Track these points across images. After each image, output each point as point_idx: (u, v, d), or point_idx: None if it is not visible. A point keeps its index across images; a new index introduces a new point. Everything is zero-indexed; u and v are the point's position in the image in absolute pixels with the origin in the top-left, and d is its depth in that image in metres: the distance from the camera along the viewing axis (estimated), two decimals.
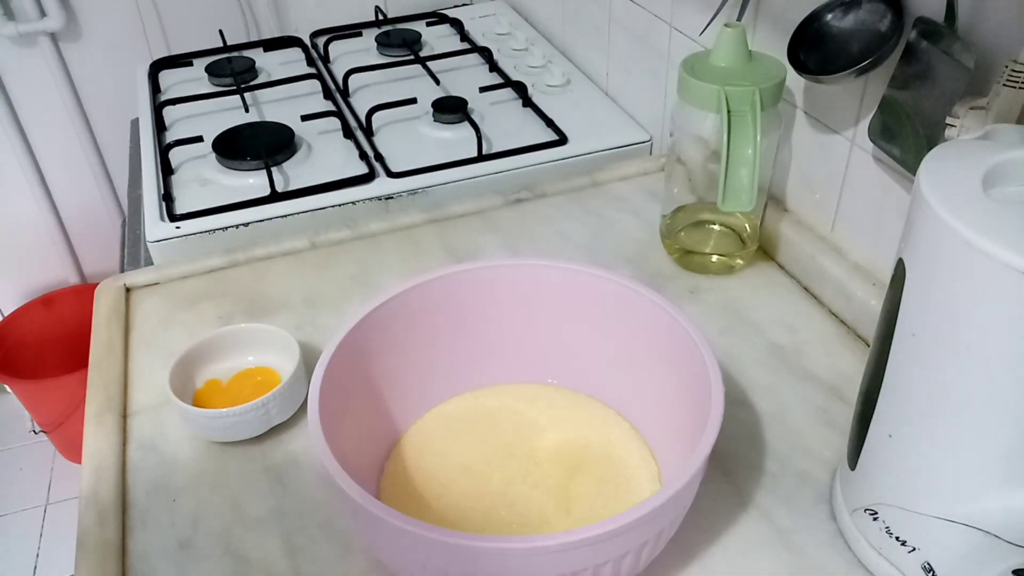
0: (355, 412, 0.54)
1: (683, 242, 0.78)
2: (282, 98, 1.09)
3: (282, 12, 1.43)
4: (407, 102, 1.01)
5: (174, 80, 1.17)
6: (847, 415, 0.60)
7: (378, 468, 0.57)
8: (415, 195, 0.90)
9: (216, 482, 0.59)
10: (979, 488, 0.42)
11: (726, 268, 0.76)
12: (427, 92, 1.06)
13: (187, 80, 1.16)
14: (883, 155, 0.64)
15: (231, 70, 1.13)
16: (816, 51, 0.63)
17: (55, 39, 1.38)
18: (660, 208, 0.85)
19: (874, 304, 0.66)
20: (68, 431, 1.58)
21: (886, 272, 0.55)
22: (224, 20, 1.41)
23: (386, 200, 0.89)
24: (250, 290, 0.77)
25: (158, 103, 1.07)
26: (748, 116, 0.65)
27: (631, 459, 0.57)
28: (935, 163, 0.42)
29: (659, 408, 0.57)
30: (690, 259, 0.77)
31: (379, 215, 0.87)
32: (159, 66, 1.19)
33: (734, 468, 0.58)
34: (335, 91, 1.10)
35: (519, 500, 0.55)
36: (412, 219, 0.85)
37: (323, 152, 0.97)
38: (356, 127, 1.01)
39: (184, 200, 0.89)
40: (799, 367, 0.66)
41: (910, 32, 0.57)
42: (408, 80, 1.12)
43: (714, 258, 0.76)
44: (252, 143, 0.95)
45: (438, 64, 1.14)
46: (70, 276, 1.65)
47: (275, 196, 0.88)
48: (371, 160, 0.94)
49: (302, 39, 1.25)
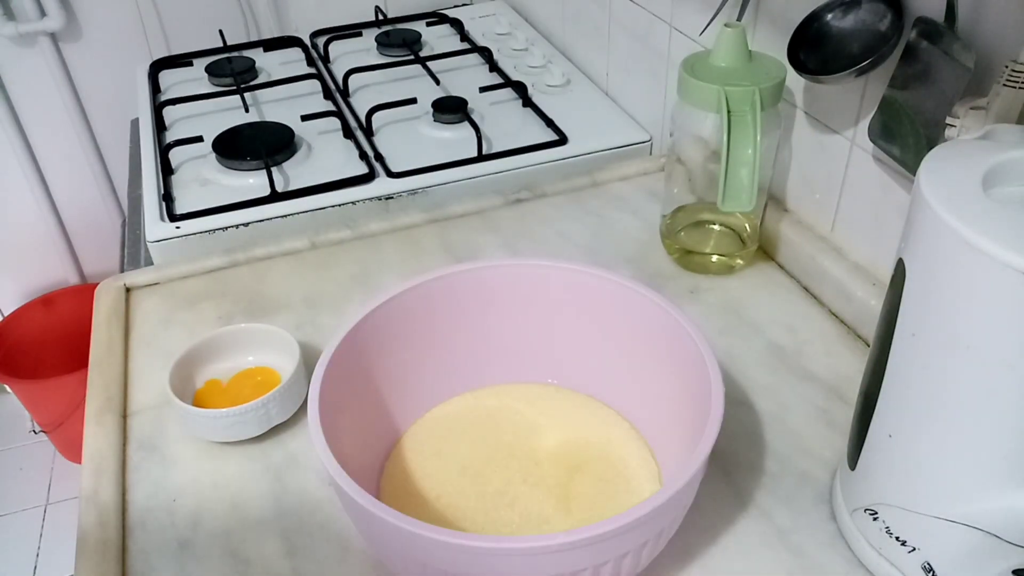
0: (355, 412, 0.54)
1: (683, 242, 0.78)
2: (282, 98, 1.09)
3: (282, 12, 1.43)
4: (407, 102, 1.01)
5: (174, 80, 1.17)
6: (847, 415, 0.60)
7: (378, 468, 0.57)
8: (415, 195, 0.90)
9: (216, 482, 0.59)
10: (979, 488, 0.42)
11: (726, 268, 0.76)
12: (427, 92, 1.06)
13: (187, 80, 1.16)
14: (883, 155, 0.64)
15: (231, 70, 1.13)
16: (816, 51, 0.63)
17: (55, 39, 1.38)
18: (660, 208, 0.85)
19: (874, 304, 0.66)
20: (68, 431, 1.58)
21: (886, 272, 0.55)
22: (224, 20, 1.41)
23: (386, 200, 0.89)
24: (250, 290, 0.77)
25: (158, 103, 1.07)
26: (748, 116, 0.65)
27: (631, 459, 0.57)
28: (935, 163, 0.42)
29: (659, 408, 0.57)
30: (690, 259, 0.77)
31: (379, 215, 0.87)
32: (159, 66, 1.19)
33: (734, 468, 0.58)
34: (335, 91, 1.10)
35: (519, 500, 0.55)
36: (412, 219, 0.85)
37: (323, 152, 0.97)
38: (356, 127, 1.01)
39: (184, 200, 0.89)
40: (799, 367, 0.66)
41: (910, 32, 0.57)
42: (408, 80, 1.12)
43: (714, 258, 0.76)
44: (252, 143, 0.95)
45: (438, 64, 1.14)
46: (70, 276, 1.65)
47: (275, 196, 0.88)
48: (371, 160, 0.94)
49: (302, 39, 1.25)
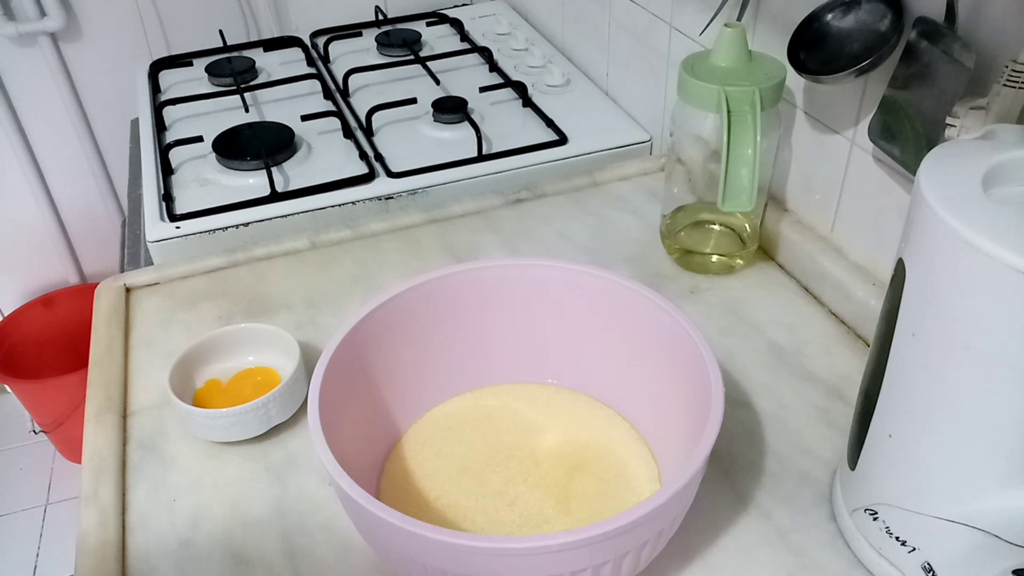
0: (355, 412, 0.54)
1: (683, 242, 0.78)
2: (282, 98, 1.09)
3: (282, 12, 1.43)
4: (407, 102, 1.01)
5: (174, 80, 1.17)
6: (847, 415, 0.60)
7: (378, 468, 0.57)
8: (415, 195, 0.90)
9: (216, 482, 0.59)
10: (979, 488, 0.42)
11: (726, 268, 0.76)
12: (427, 92, 1.06)
13: (187, 80, 1.16)
14: (883, 155, 0.64)
15: (231, 70, 1.13)
16: (816, 51, 0.63)
17: (55, 39, 1.38)
18: (660, 208, 0.85)
19: (874, 304, 0.66)
20: (68, 431, 1.58)
21: (886, 272, 0.55)
22: (224, 20, 1.41)
23: (386, 200, 0.89)
24: (250, 290, 0.77)
25: (158, 103, 1.07)
26: (748, 116, 0.65)
27: (631, 459, 0.57)
28: (935, 163, 0.42)
29: (659, 408, 0.57)
30: (690, 259, 0.77)
31: (379, 215, 0.87)
32: (159, 66, 1.19)
33: (734, 468, 0.58)
34: (335, 91, 1.10)
35: (519, 500, 0.55)
36: (412, 219, 0.85)
37: (323, 152, 0.97)
38: (356, 127, 1.01)
39: (184, 200, 0.89)
40: (799, 367, 0.66)
41: (910, 32, 0.57)
42: (408, 80, 1.12)
43: (714, 258, 0.76)
44: (252, 143, 0.95)
45: (438, 64, 1.14)
46: (70, 276, 1.65)
47: (275, 196, 0.88)
48: (371, 160, 0.94)
49: (302, 39, 1.25)
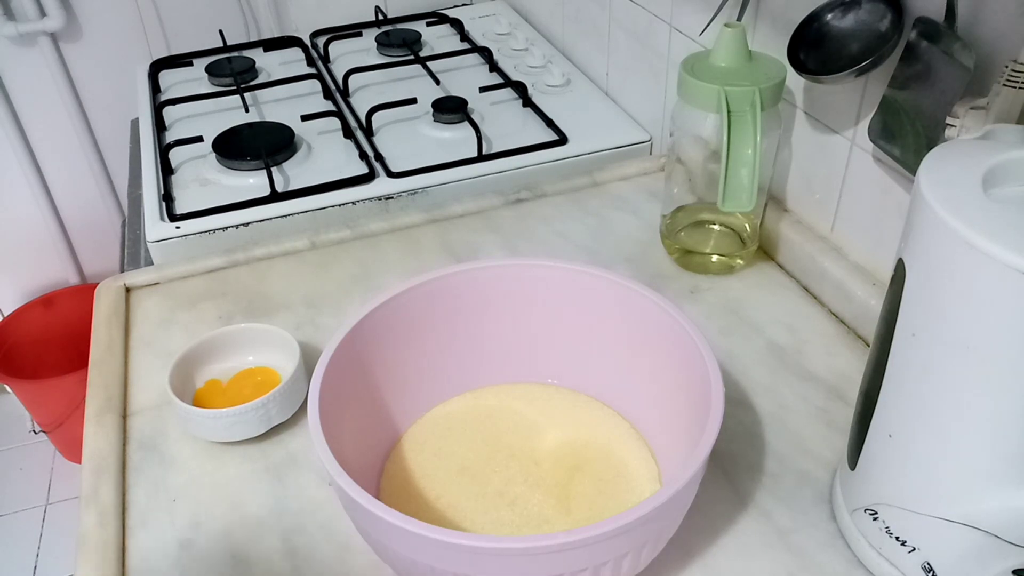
0: (355, 412, 0.54)
1: (683, 242, 0.78)
2: (282, 98, 1.09)
3: (282, 12, 1.43)
4: (407, 102, 1.01)
5: (174, 80, 1.17)
6: (847, 415, 0.60)
7: (378, 468, 0.57)
8: (415, 195, 0.90)
9: (216, 482, 0.59)
10: (979, 488, 0.42)
11: (726, 268, 0.76)
12: (427, 92, 1.06)
13: (187, 80, 1.16)
14: (883, 155, 0.64)
15: (231, 70, 1.13)
16: (816, 51, 0.63)
17: (55, 39, 1.38)
18: (660, 208, 0.85)
19: (874, 304, 0.66)
20: (68, 431, 1.58)
21: (886, 272, 0.55)
22: (224, 20, 1.41)
23: (386, 200, 0.89)
24: (250, 290, 0.77)
25: (158, 103, 1.07)
26: (748, 116, 0.65)
27: (631, 459, 0.57)
28: (935, 163, 0.42)
29: (659, 408, 0.57)
30: (690, 259, 0.77)
31: (379, 215, 0.87)
32: (159, 66, 1.19)
33: (734, 468, 0.58)
34: (335, 91, 1.10)
35: (519, 500, 0.55)
36: (412, 219, 0.85)
37: (323, 152, 0.97)
38: (356, 127, 1.01)
39: (184, 200, 0.89)
40: (799, 367, 0.66)
41: (910, 32, 0.57)
42: (408, 80, 1.12)
43: (714, 258, 0.76)
44: (252, 143, 0.95)
45: (438, 64, 1.14)
46: (70, 276, 1.65)
47: (275, 196, 0.88)
48: (371, 160, 0.94)
49: (302, 39, 1.25)
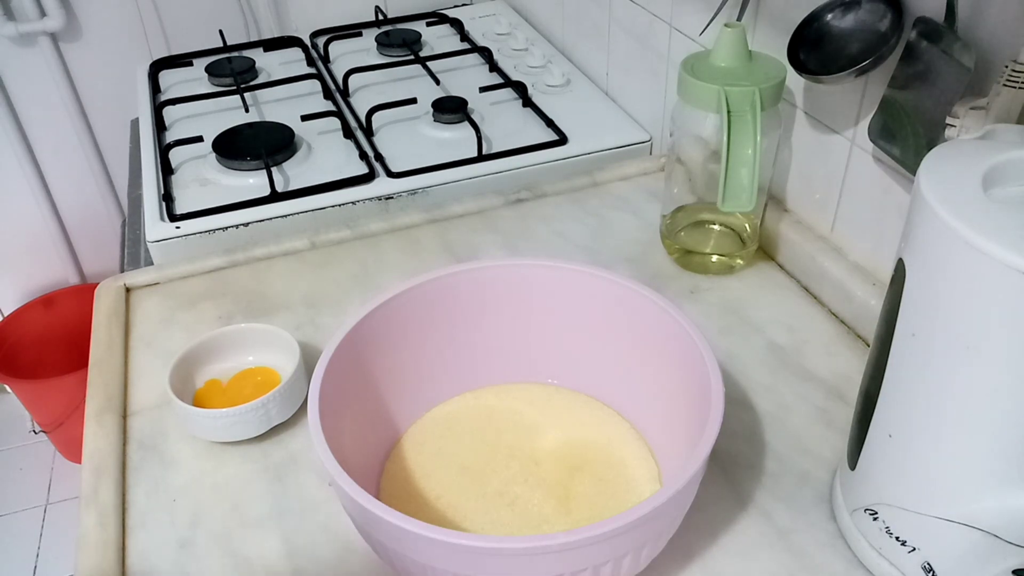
0: (355, 412, 0.54)
1: (683, 242, 0.78)
2: (282, 98, 1.09)
3: (282, 12, 1.43)
4: (407, 102, 1.01)
5: (174, 80, 1.17)
6: (847, 415, 0.60)
7: (378, 468, 0.57)
8: (415, 195, 0.90)
9: (216, 482, 0.59)
10: (979, 488, 0.42)
11: (726, 268, 0.76)
12: (427, 92, 1.06)
13: (187, 80, 1.16)
14: (883, 155, 0.64)
15: (231, 70, 1.13)
16: (816, 51, 0.63)
17: (55, 39, 1.38)
18: (660, 208, 0.85)
19: (874, 304, 0.66)
20: (68, 431, 1.58)
21: (886, 272, 0.55)
22: (224, 20, 1.41)
23: (386, 200, 0.89)
24: (250, 290, 0.77)
25: (158, 103, 1.07)
26: (748, 116, 0.65)
27: (631, 459, 0.57)
28: (935, 163, 0.42)
29: (659, 408, 0.57)
30: (690, 259, 0.77)
31: (379, 215, 0.87)
32: (159, 66, 1.19)
33: (734, 468, 0.58)
34: (335, 91, 1.10)
35: (519, 500, 0.55)
36: (412, 219, 0.85)
37: (323, 152, 0.97)
38: (356, 127, 1.01)
39: (184, 200, 0.89)
40: (799, 367, 0.66)
41: (910, 32, 0.57)
42: (408, 80, 1.12)
43: (714, 258, 0.76)
44: (252, 143, 0.95)
45: (438, 64, 1.14)
46: (70, 276, 1.65)
47: (275, 196, 0.88)
48: (371, 160, 0.94)
49: (302, 39, 1.25)
